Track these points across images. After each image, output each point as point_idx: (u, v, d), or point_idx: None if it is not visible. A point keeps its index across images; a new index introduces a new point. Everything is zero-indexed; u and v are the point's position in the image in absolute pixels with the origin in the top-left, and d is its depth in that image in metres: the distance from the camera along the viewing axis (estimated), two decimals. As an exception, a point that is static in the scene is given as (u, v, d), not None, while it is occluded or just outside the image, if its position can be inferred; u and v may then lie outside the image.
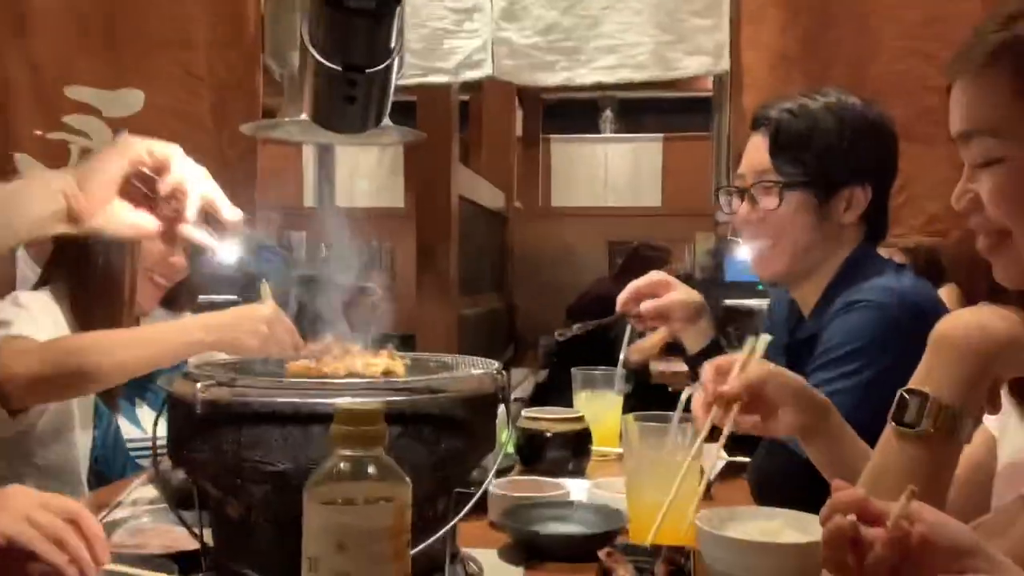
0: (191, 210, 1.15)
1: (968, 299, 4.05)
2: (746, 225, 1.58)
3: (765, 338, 1.17)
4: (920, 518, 0.71)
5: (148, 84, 2.41)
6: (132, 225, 1.16)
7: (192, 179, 1.15)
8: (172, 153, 1.16)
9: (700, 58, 2.40)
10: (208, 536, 1.06)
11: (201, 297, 2.04)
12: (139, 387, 1.79)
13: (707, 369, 1.16)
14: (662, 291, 1.69)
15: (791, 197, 1.51)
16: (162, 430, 1.06)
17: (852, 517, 0.72)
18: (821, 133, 1.50)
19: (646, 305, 1.68)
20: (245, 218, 1.21)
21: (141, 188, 1.15)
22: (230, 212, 1.18)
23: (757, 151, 1.56)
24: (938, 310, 1.49)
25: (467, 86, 4.37)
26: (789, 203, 1.51)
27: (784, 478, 1.28)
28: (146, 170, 1.15)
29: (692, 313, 1.69)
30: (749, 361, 1.14)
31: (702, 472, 1.36)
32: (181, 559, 1.04)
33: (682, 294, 1.70)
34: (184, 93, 2.40)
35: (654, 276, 1.73)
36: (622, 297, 1.70)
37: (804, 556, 0.94)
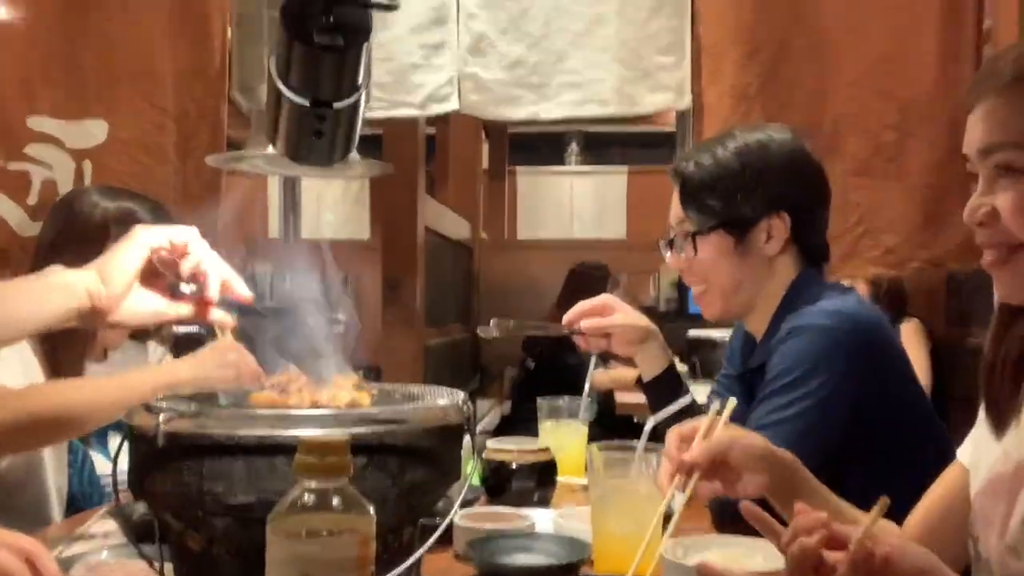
0: (214, 291, 1.18)
1: (928, 331, 4.12)
2: (681, 272, 1.66)
3: (732, 401, 1.18)
4: (882, 540, 0.73)
5: (112, 115, 2.41)
6: (155, 313, 1.19)
7: (210, 260, 1.18)
8: (190, 237, 1.18)
9: (662, 94, 2.44)
10: (169, 570, 1.04)
11: (167, 329, 2.02)
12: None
13: (670, 437, 1.16)
14: (608, 312, 1.72)
15: (706, 242, 1.57)
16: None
17: (816, 539, 0.73)
18: (723, 178, 1.56)
19: (588, 323, 1.70)
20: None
21: (162, 273, 1.18)
22: (244, 291, 1.23)
23: (674, 203, 1.63)
24: (883, 328, 1.53)
25: (434, 119, 4.40)
26: (706, 248, 1.58)
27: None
28: (165, 254, 1.16)
29: (637, 336, 1.71)
30: (714, 425, 1.14)
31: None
32: (141, 594, 1.02)
33: (627, 317, 1.72)
34: (148, 125, 2.40)
35: (602, 298, 1.77)
36: (568, 315, 1.73)
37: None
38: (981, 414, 1.07)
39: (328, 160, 1.15)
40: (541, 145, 8.65)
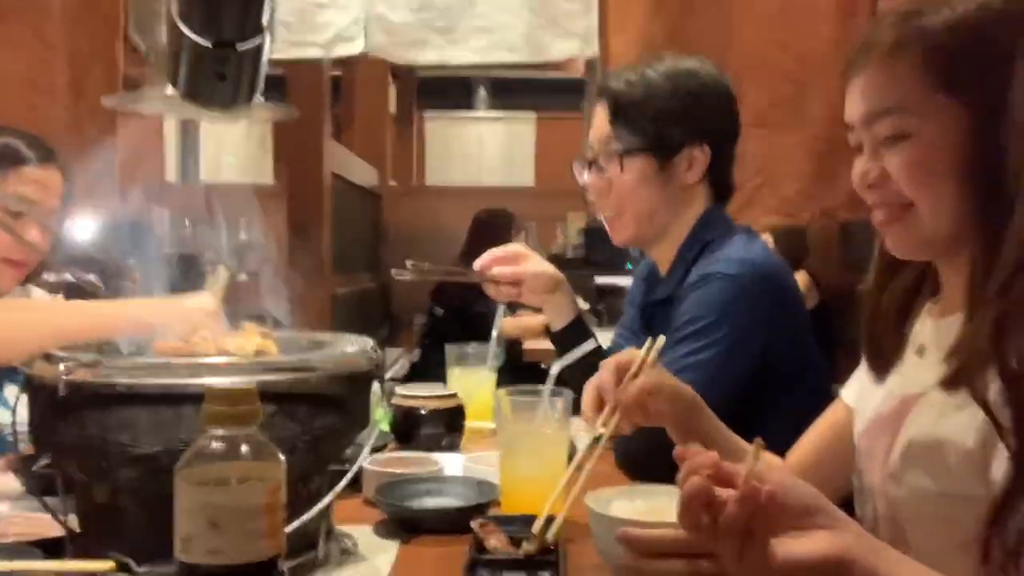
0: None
1: (818, 283, 4.29)
2: (596, 194, 1.65)
3: (661, 340, 1.21)
4: (768, 478, 0.77)
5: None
6: None
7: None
8: None
9: (571, 42, 2.45)
10: (73, 522, 1.03)
11: (65, 275, 1.95)
12: (6, 369, 1.70)
13: (606, 368, 1.18)
14: (519, 261, 1.72)
15: (632, 163, 1.58)
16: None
17: (705, 478, 0.76)
18: (655, 98, 1.56)
19: (500, 270, 1.70)
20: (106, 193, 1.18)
21: None
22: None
23: (600, 121, 1.62)
24: (787, 278, 1.59)
25: (339, 61, 4.30)
26: (631, 169, 1.58)
27: (648, 455, 1.33)
28: None
29: (546, 284, 1.72)
30: (646, 363, 1.18)
31: (572, 446, 1.42)
32: (45, 546, 1.01)
33: (537, 265, 1.73)
34: (37, 61, 2.28)
35: (513, 247, 1.77)
36: (480, 261, 1.72)
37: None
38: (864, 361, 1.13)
39: (231, 104, 1.12)
40: (449, 89, 8.56)
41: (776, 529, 0.74)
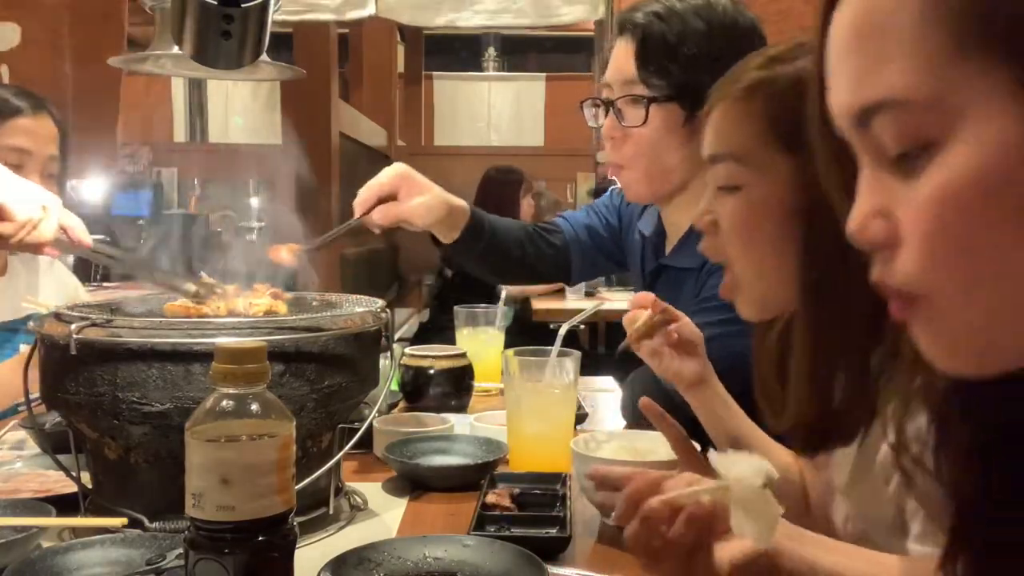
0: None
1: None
2: (611, 142, 1.47)
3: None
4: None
5: (4, 14, 2.27)
6: None
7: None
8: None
9: (579, 6, 2.42)
10: (85, 479, 1.05)
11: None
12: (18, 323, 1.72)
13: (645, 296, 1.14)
14: (405, 192, 1.50)
15: (657, 112, 1.41)
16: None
17: (657, 499, 0.75)
18: (689, 39, 1.38)
19: (380, 213, 1.49)
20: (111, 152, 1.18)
21: None
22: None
23: (623, 59, 1.43)
24: None
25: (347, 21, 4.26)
26: (655, 119, 1.41)
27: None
28: None
29: (431, 213, 1.52)
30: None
31: (579, 405, 1.43)
32: (58, 502, 1.02)
33: (427, 197, 1.51)
34: (44, 22, 2.27)
35: (396, 171, 1.52)
36: (359, 201, 1.50)
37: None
38: None
39: (237, 62, 1.12)
40: (458, 49, 8.48)
41: (717, 536, 0.75)
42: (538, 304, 4.13)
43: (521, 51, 8.55)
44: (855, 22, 0.50)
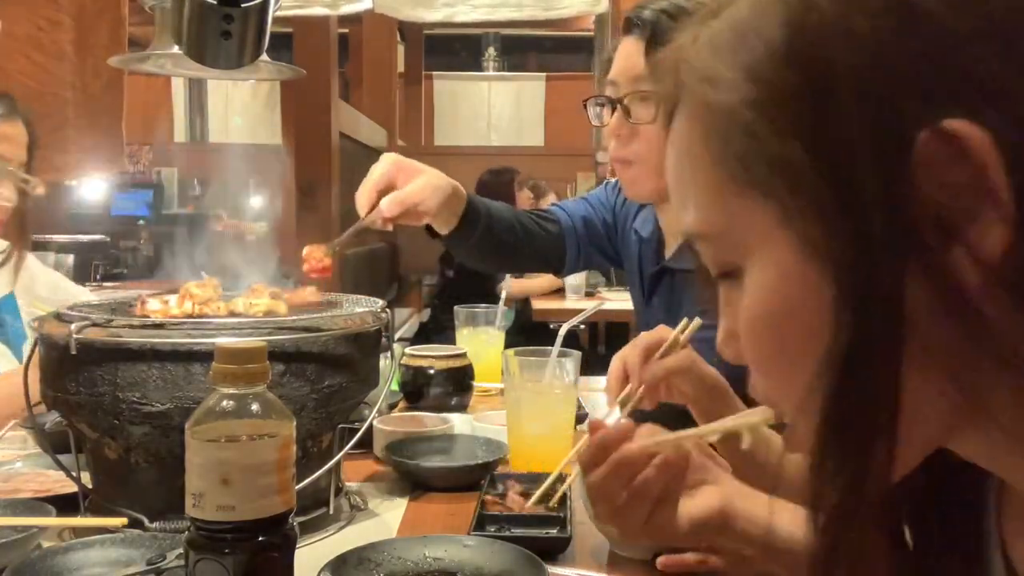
0: None
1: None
2: (617, 139, 1.44)
3: (696, 322, 1.12)
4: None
5: (3, 12, 2.27)
6: None
7: None
8: None
9: (579, -1, 2.42)
10: (86, 478, 1.04)
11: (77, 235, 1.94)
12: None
13: (636, 346, 1.12)
14: (403, 179, 1.41)
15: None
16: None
17: (637, 445, 0.76)
18: None
19: (387, 204, 1.36)
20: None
21: None
22: None
23: (631, 56, 1.41)
24: None
25: (346, 19, 4.26)
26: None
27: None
28: None
29: (446, 195, 1.45)
30: (676, 342, 1.11)
31: (579, 405, 1.43)
32: (58, 502, 1.02)
33: (427, 176, 1.42)
34: (43, 21, 2.27)
35: (386, 161, 1.43)
36: (360, 201, 1.40)
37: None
38: None
39: (236, 62, 1.12)
40: (458, 49, 8.48)
41: (681, 490, 0.76)
42: (538, 304, 4.13)
43: (521, 51, 8.56)
44: (669, 166, 0.55)
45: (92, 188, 4.94)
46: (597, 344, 4.55)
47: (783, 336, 0.48)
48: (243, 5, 1.01)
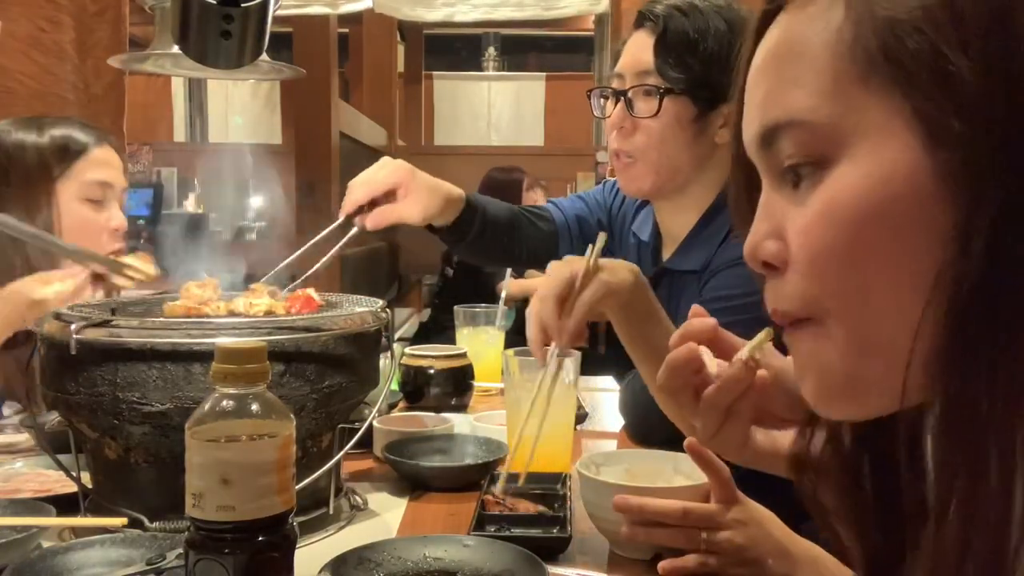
0: None
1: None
2: (618, 132, 1.44)
3: (602, 237, 1.09)
4: (768, 364, 0.72)
5: (3, 12, 2.27)
6: None
7: None
8: None
9: (580, -1, 2.42)
10: (86, 478, 1.04)
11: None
12: None
13: (545, 300, 1.07)
14: (403, 193, 1.43)
15: (670, 105, 1.39)
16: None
17: (702, 347, 0.73)
18: (710, 36, 1.37)
19: (373, 217, 1.42)
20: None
21: None
22: None
23: (640, 50, 1.41)
24: None
25: (346, 19, 4.26)
26: (667, 111, 1.39)
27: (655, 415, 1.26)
28: None
29: (434, 216, 1.47)
30: (589, 271, 1.06)
31: (580, 404, 1.42)
32: (58, 502, 1.02)
33: (429, 199, 1.45)
34: (44, 21, 2.27)
35: (396, 168, 1.45)
36: (351, 199, 1.44)
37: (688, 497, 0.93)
38: None
39: (237, 62, 1.11)
40: (458, 48, 8.48)
41: (763, 417, 0.73)
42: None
43: (521, 51, 8.56)
44: (773, 47, 0.53)
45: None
46: (597, 344, 4.55)
47: (861, 231, 0.47)
48: (243, 5, 1.01)
